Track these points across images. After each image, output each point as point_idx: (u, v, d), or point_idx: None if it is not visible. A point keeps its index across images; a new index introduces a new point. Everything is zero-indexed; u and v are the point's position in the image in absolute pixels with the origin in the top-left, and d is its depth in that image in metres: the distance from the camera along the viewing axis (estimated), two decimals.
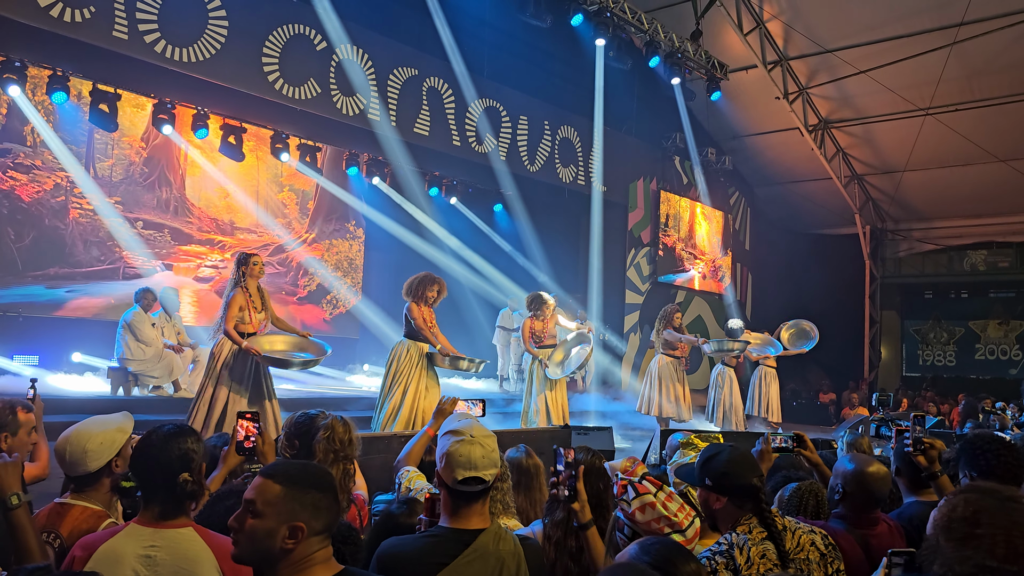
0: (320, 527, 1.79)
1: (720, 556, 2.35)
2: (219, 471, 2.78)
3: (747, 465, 2.46)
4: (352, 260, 14.12)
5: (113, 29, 8.17)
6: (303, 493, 1.78)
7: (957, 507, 1.82)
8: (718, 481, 2.46)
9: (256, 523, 1.75)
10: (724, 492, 2.45)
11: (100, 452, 2.58)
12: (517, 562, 2.25)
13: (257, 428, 2.84)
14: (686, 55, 12.92)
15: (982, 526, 1.75)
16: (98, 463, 2.57)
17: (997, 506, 1.78)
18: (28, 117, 9.86)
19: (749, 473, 2.44)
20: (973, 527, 1.76)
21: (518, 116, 12.75)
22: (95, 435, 2.60)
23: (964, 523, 1.78)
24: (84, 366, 9.69)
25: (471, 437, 2.25)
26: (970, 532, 1.76)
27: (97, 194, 10.62)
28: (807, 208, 18.06)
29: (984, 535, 1.74)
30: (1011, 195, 15.72)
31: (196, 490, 2.24)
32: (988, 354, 18.22)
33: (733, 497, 2.44)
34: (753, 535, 2.37)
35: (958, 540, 1.76)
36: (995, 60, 13.22)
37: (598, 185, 14.00)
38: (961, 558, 1.73)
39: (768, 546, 2.35)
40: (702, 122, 16.28)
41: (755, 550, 2.33)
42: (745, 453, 2.54)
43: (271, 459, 2.83)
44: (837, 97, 15.30)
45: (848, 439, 4.49)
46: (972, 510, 1.79)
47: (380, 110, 10.66)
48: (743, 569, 2.30)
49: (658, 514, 2.18)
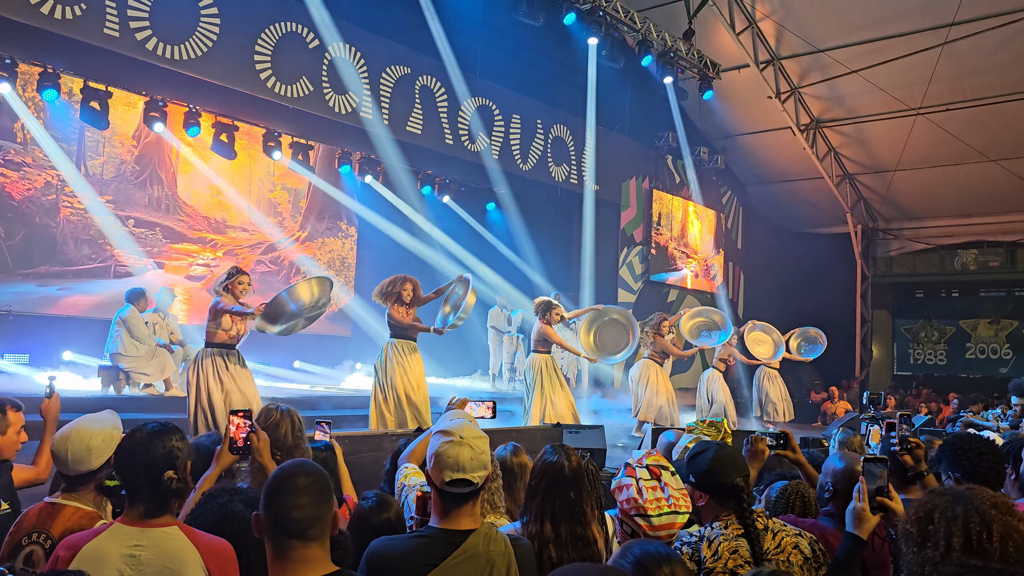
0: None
1: (687, 547, 2.38)
2: (212, 470, 2.74)
3: (731, 464, 2.47)
4: (344, 259, 14.10)
5: (104, 26, 8.13)
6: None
7: (911, 511, 1.78)
8: (700, 479, 2.48)
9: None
10: (707, 490, 2.47)
11: (103, 449, 2.58)
12: (507, 563, 2.23)
13: (251, 426, 2.80)
14: (678, 54, 12.94)
15: (935, 522, 1.71)
16: (100, 460, 2.58)
17: (952, 500, 1.73)
18: (18, 114, 9.82)
19: (732, 472, 2.45)
20: (926, 525, 1.72)
21: (511, 115, 12.75)
22: (96, 433, 2.60)
23: (918, 524, 1.74)
24: (73, 364, 9.66)
25: (460, 438, 2.22)
26: (924, 532, 1.71)
27: (88, 192, 10.58)
28: (799, 207, 18.12)
29: (937, 530, 1.69)
30: (1002, 195, 15.79)
31: (181, 488, 2.22)
32: (979, 353, 18.31)
33: (715, 495, 2.46)
34: (729, 531, 2.39)
35: (917, 544, 1.72)
36: (986, 60, 13.27)
37: (591, 184, 14.01)
38: (920, 561, 1.69)
39: (742, 543, 2.36)
40: (694, 121, 16.31)
41: (726, 545, 2.35)
42: (731, 452, 2.54)
43: (267, 458, 2.80)
44: (829, 97, 15.35)
45: (840, 438, 4.49)
46: (926, 510, 1.75)
47: (373, 108, 10.63)
48: (708, 561, 2.32)
49: (629, 495, 2.18)
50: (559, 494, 2.50)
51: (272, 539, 1.86)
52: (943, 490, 1.81)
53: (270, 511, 1.86)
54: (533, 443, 5.68)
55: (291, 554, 1.84)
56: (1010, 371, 17.13)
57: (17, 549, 2.44)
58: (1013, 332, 17.91)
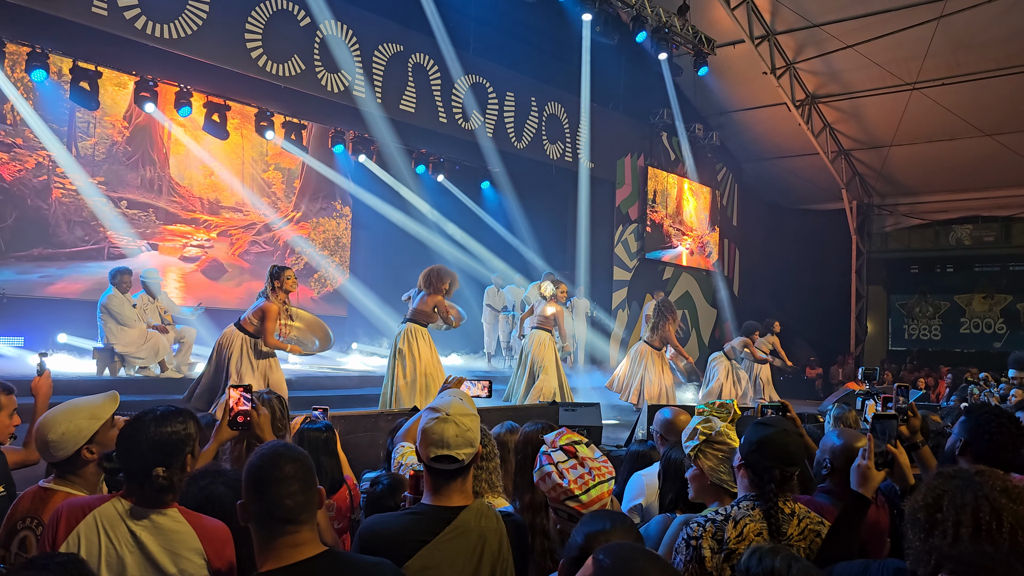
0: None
1: (712, 524, 2.35)
2: (210, 445, 2.71)
3: (778, 454, 2.42)
4: (339, 239, 14.06)
5: (92, 5, 8.02)
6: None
7: (919, 497, 1.72)
8: (747, 453, 2.45)
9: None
10: (748, 465, 2.44)
11: (63, 443, 2.51)
12: (499, 539, 2.25)
13: (251, 402, 2.78)
14: (673, 30, 12.85)
15: (943, 509, 1.65)
16: (64, 452, 2.51)
17: (961, 485, 1.67)
18: (7, 95, 9.73)
19: (774, 461, 2.40)
20: (934, 512, 1.66)
21: (504, 92, 12.67)
22: (59, 425, 2.52)
23: (926, 511, 1.68)
24: (68, 347, 9.62)
25: (447, 415, 2.23)
26: (932, 519, 1.65)
27: (80, 173, 10.51)
28: (794, 183, 18.09)
29: (946, 518, 1.63)
30: (997, 169, 15.78)
31: (166, 486, 2.17)
32: (973, 328, 18.38)
33: (753, 473, 2.43)
34: (756, 512, 2.36)
35: (924, 531, 1.66)
36: (981, 34, 13.21)
37: (585, 162, 13.96)
38: (927, 549, 1.64)
39: (767, 526, 2.34)
40: (689, 98, 16.23)
41: (752, 526, 2.33)
42: (785, 442, 2.46)
43: (268, 434, 2.78)
44: (824, 72, 15.28)
45: (836, 413, 4.51)
46: (934, 496, 1.68)
47: (365, 87, 10.56)
48: (731, 542, 2.29)
49: (553, 483, 2.16)
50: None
51: (262, 526, 1.86)
52: (952, 473, 1.74)
53: (260, 501, 1.85)
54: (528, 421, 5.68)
55: (283, 539, 1.84)
56: (1004, 346, 17.20)
57: (13, 533, 2.44)
58: (1007, 307, 17.97)
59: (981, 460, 2.65)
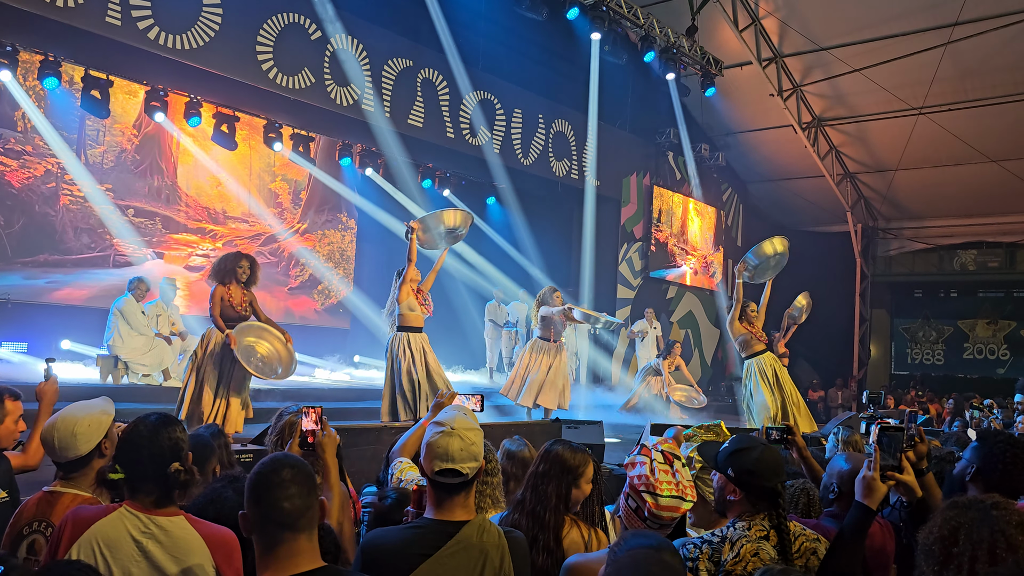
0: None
1: (707, 546, 2.33)
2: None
3: (775, 468, 2.42)
4: (344, 251, 14.09)
5: (106, 15, 8.10)
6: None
7: (934, 528, 1.71)
8: (741, 476, 2.42)
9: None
10: (744, 488, 2.42)
11: (89, 435, 2.58)
12: (501, 554, 2.24)
13: (319, 423, 2.67)
14: (681, 51, 12.92)
15: (959, 543, 1.64)
16: (88, 445, 2.57)
17: (978, 518, 1.66)
18: (19, 102, 9.80)
19: (774, 477, 2.40)
20: (950, 546, 1.65)
21: (512, 109, 12.73)
22: (82, 418, 2.59)
23: (942, 543, 1.67)
24: (72, 353, 9.65)
25: (451, 429, 2.24)
26: (947, 552, 1.64)
27: (88, 181, 10.56)
28: (799, 205, 18.10)
29: (962, 552, 1.62)
30: (1002, 195, 15.78)
31: (188, 479, 2.21)
32: (976, 353, 18.32)
33: (751, 495, 2.41)
34: (752, 532, 2.34)
35: (939, 563, 1.65)
36: (989, 60, 13.25)
37: (591, 179, 13.99)
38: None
39: (764, 545, 2.31)
40: (696, 118, 16.29)
41: (748, 547, 2.30)
42: (776, 456, 2.48)
43: (331, 453, 2.66)
44: (831, 95, 15.32)
45: (843, 436, 4.46)
46: (950, 528, 1.67)
47: (374, 101, 10.61)
48: (728, 564, 2.27)
49: (641, 472, 2.18)
50: (562, 478, 2.61)
51: (262, 533, 1.85)
52: (967, 503, 1.73)
53: (259, 506, 1.85)
54: (531, 437, 5.67)
55: (282, 547, 1.83)
56: (1008, 372, 17.15)
57: (19, 539, 2.44)
58: (1011, 333, 17.92)
59: (992, 487, 2.63)
